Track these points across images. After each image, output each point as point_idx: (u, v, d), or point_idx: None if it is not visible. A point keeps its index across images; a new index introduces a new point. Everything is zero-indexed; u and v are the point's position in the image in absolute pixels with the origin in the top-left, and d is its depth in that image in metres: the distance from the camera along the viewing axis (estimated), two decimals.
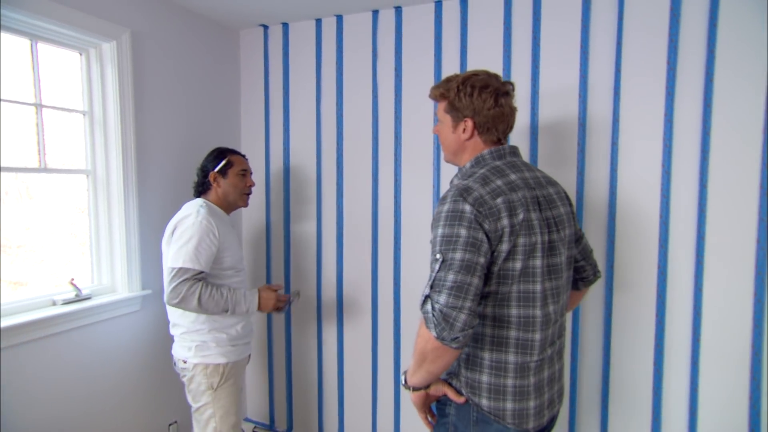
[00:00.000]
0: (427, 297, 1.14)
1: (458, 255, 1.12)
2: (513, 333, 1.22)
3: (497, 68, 2.11)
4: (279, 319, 2.67)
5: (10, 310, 1.68)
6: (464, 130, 1.31)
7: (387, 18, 2.31)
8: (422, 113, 2.27)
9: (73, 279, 1.87)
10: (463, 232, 1.13)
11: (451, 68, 2.19)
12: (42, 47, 1.81)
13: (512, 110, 1.33)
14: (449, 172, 2.24)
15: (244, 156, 2.01)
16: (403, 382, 1.30)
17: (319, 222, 2.52)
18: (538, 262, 1.21)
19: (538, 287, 1.22)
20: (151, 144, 2.12)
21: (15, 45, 1.74)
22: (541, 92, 2.07)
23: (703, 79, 1.83)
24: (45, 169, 1.84)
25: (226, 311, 1.76)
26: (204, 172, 1.92)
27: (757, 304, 1.80)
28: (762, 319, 1.80)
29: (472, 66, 2.16)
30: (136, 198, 2.04)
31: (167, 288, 1.69)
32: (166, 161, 2.13)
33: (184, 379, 1.84)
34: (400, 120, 2.32)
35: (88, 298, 1.91)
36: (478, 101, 1.28)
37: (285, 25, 2.52)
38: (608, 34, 1.96)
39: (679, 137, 1.88)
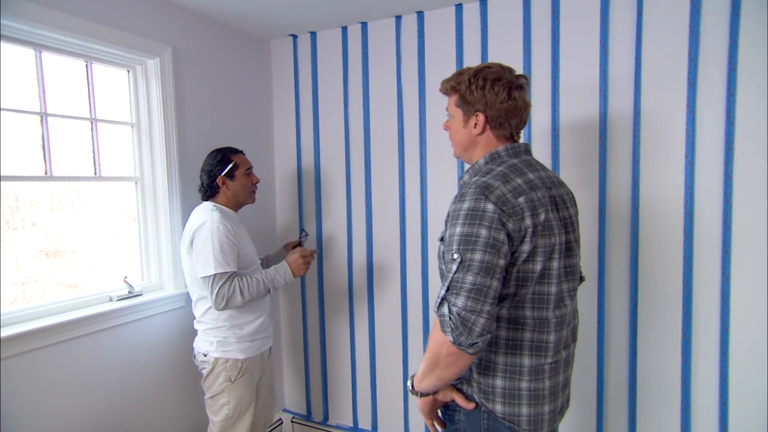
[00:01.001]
0: (443, 299, 1.10)
1: (477, 256, 1.08)
2: (527, 335, 1.19)
3: (518, 68, 2.15)
4: (313, 311, 2.79)
5: (70, 305, 1.87)
6: (476, 124, 1.27)
7: (410, 23, 2.40)
8: (446, 114, 2.33)
9: (126, 277, 2.05)
10: (483, 232, 1.09)
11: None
12: (95, 66, 1.99)
13: (526, 104, 1.28)
14: None
15: (242, 152, 2.05)
16: (410, 387, 1.27)
17: (349, 218, 2.63)
18: (555, 264, 1.18)
19: (553, 289, 1.19)
20: (192, 152, 2.28)
21: (71, 66, 1.93)
22: (561, 90, 2.11)
23: (726, 69, 1.84)
24: (99, 178, 2.02)
25: (269, 291, 1.90)
26: (211, 176, 1.96)
27: None
28: None
29: None
30: (180, 202, 2.21)
31: (211, 297, 1.79)
32: None
33: (203, 371, 1.94)
34: (425, 121, 2.40)
35: (139, 295, 2.08)
36: (491, 94, 1.23)
37: (313, 34, 2.64)
38: (627, 29, 1.98)
39: (703, 129, 1.89)
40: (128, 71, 2.12)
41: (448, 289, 1.10)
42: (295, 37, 2.69)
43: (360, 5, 2.29)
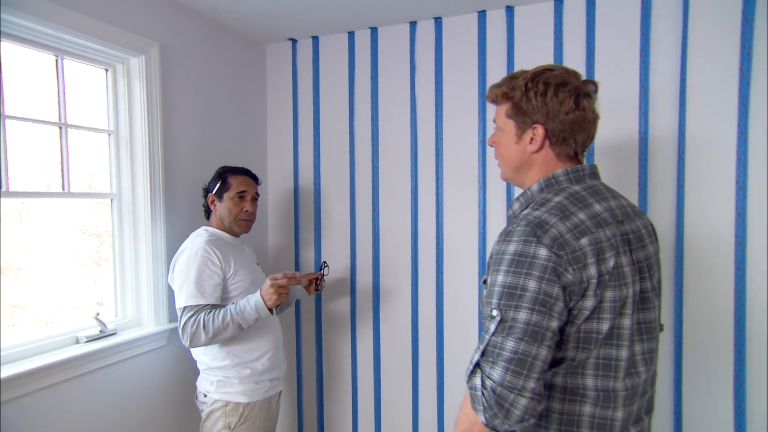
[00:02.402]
0: (476, 366, 0.91)
1: (522, 315, 0.88)
2: (588, 409, 0.96)
3: None
4: (309, 347, 2.49)
5: (26, 351, 1.52)
6: (532, 139, 1.04)
7: (426, 29, 2.19)
8: (465, 129, 2.13)
9: (98, 314, 1.71)
10: (532, 284, 0.89)
11: (496, 80, 2.06)
12: (67, 63, 1.68)
13: (595, 117, 1.06)
14: (496, 191, 2.09)
15: (252, 175, 1.84)
16: None
17: (353, 245, 2.36)
18: (627, 321, 0.96)
19: (624, 353, 0.96)
20: (178, 165, 1.98)
21: (36, 60, 1.61)
22: (597, 106, 1.93)
23: None
24: (68, 194, 1.69)
25: (240, 325, 1.61)
26: (204, 194, 1.84)
27: None
28: None
29: None
30: (164, 224, 1.89)
31: (180, 332, 1.62)
32: (196, 183, 1.99)
33: (202, 414, 1.73)
34: (441, 136, 2.18)
35: (113, 334, 1.75)
36: (554, 102, 1.01)
37: (315, 39, 2.40)
38: (671, 41, 1.83)
39: (755, 151, 1.74)
40: (107, 70, 1.81)
41: (483, 354, 0.91)
42: (294, 41, 2.44)
43: (371, 9, 2.08)
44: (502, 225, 2.04)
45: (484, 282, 1.02)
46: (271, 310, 1.62)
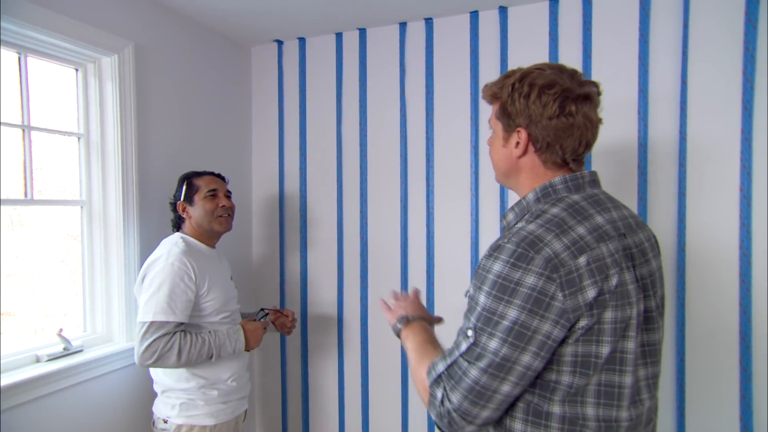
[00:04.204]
0: (439, 377, 0.88)
1: (493, 344, 0.82)
2: None
3: None
4: (294, 363, 2.38)
5: None
6: (517, 143, 0.97)
7: (416, 30, 2.10)
8: (457, 134, 2.04)
9: (61, 330, 1.59)
10: (511, 313, 0.81)
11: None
12: (32, 61, 1.58)
13: (591, 122, 0.95)
14: (489, 199, 1.99)
15: (216, 174, 1.76)
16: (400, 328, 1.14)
17: (340, 255, 2.26)
18: (631, 345, 0.87)
19: (628, 379, 0.87)
20: (154, 171, 1.87)
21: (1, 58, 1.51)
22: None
23: None
24: (31, 201, 1.58)
25: (211, 357, 1.54)
26: (173, 203, 1.70)
27: None
28: None
29: None
30: (138, 233, 1.78)
31: (139, 347, 1.47)
32: (172, 191, 1.88)
33: None
34: (432, 141, 2.08)
35: (79, 351, 1.63)
36: (536, 106, 0.92)
37: (302, 40, 2.30)
38: (671, 43, 1.75)
39: (760, 157, 1.65)
40: (76, 70, 1.71)
41: (447, 369, 0.87)
42: (280, 43, 2.34)
43: (359, 9, 1.99)
44: (496, 235, 1.95)
45: (466, 294, 0.95)
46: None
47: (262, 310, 1.86)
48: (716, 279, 1.72)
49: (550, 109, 0.92)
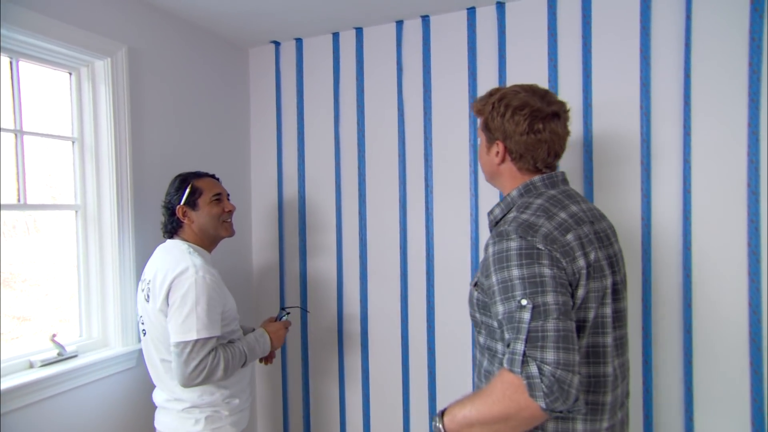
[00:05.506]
0: (525, 356, 0.92)
1: (550, 298, 0.94)
2: (581, 396, 0.99)
3: (542, 81, 1.85)
4: (295, 369, 2.35)
5: None
6: (497, 153, 1.16)
7: (413, 28, 2.07)
8: (456, 133, 2.00)
9: (55, 335, 1.58)
10: (546, 271, 0.97)
11: (488, 82, 1.94)
12: (24, 66, 1.58)
13: (558, 136, 1.14)
14: (488, 198, 1.96)
15: (213, 176, 1.68)
16: (440, 425, 1.02)
17: (339, 256, 2.23)
18: (608, 310, 1.07)
19: (609, 339, 1.07)
20: (149, 175, 1.86)
21: None
22: (594, 106, 1.80)
23: None
24: (24, 205, 1.58)
25: (244, 364, 1.54)
26: (170, 208, 1.59)
27: None
28: None
29: (513, 80, 1.90)
30: (133, 237, 1.77)
31: (184, 367, 1.38)
32: None
33: None
34: (431, 141, 2.05)
35: (73, 357, 1.62)
36: (510, 124, 1.12)
37: (299, 41, 2.29)
38: (673, 35, 1.70)
39: None
40: (70, 74, 1.70)
41: (527, 342, 0.93)
42: (277, 44, 2.33)
43: (356, 7, 1.96)
44: None
45: (476, 284, 1.11)
46: None
47: (282, 309, 1.82)
48: (724, 278, 1.66)
49: (521, 127, 1.11)
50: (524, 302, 0.95)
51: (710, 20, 1.64)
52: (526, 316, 0.94)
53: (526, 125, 1.10)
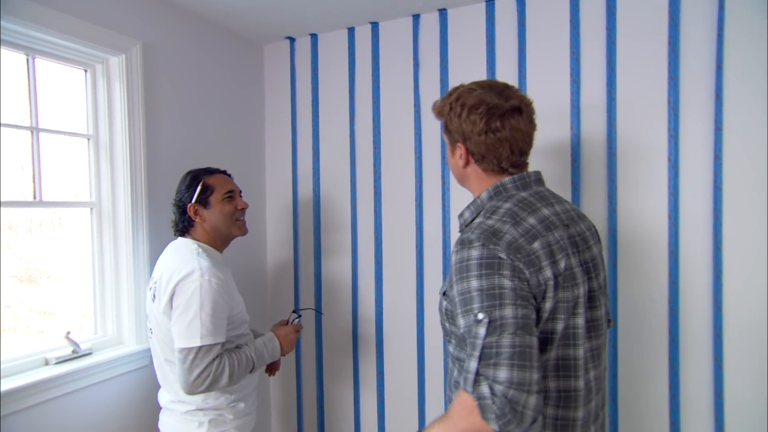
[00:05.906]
0: (477, 374, 0.87)
1: (508, 311, 0.89)
2: (550, 411, 0.99)
3: (564, 74, 1.80)
4: (309, 372, 2.33)
5: None
6: (460, 156, 1.10)
7: (430, 22, 2.03)
8: None
9: (69, 333, 1.58)
10: (507, 282, 0.91)
11: (507, 78, 1.88)
12: (40, 63, 1.58)
13: (520, 132, 1.05)
14: None
15: (225, 173, 1.62)
16: None
17: (354, 256, 2.20)
18: (580, 320, 1.00)
19: (581, 351, 1.00)
20: (163, 172, 1.85)
21: (9, 60, 1.51)
22: (618, 100, 1.73)
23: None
24: (40, 203, 1.58)
25: (251, 370, 1.49)
26: (180, 206, 1.54)
27: None
28: None
29: (531, 74, 1.85)
30: (147, 234, 1.76)
31: (188, 375, 1.34)
32: None
33: None
34: None
35: (88, 354, 1.62)
36: (466, 124, 1.05)
37: (314, 37, 2.26)
38: (705, 25, 1.63)
39: (687, 154, 1.65)
40: (85, 71, 1.70)
41: (480, 359, 0.88)
42: (292, 40, 2.30)
43: (371, 2, 1.93)
44: None
45: (444, 293, 1.06)
46: None
47: (294, 312, 1.78)
48: (758, 280, 1.58)
49: (477, 126, 1.04)
50: (480, 316, 0.90)
51: (744, 8, 1.57)
52: (482, 331, 0.89)
53: (482, 124, 1.04)
